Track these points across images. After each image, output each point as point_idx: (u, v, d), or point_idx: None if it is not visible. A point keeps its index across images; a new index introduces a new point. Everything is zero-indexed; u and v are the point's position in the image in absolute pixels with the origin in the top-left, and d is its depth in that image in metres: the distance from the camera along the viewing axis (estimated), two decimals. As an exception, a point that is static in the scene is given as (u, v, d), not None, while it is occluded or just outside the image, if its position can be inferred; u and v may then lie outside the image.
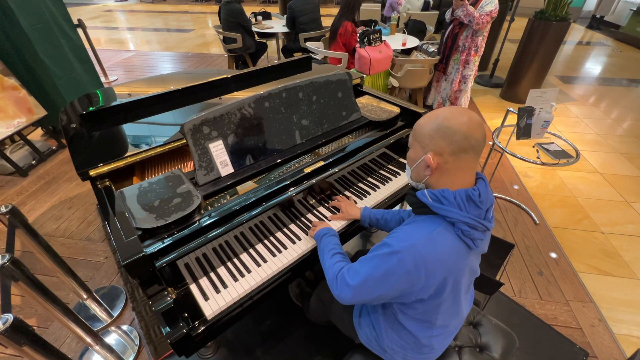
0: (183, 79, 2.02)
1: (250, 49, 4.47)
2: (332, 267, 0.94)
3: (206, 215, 1.04)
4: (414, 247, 0.75)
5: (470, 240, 0.76)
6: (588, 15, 8.56)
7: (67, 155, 3.15)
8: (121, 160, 1.19)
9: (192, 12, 10.27)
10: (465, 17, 2.88)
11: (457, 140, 0.74)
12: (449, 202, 0.75)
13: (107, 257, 2.11)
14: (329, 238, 1.07)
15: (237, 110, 1.19)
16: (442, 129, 0.76)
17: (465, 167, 0.78)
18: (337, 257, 0.98)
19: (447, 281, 0.78)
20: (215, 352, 1.56)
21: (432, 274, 0.76)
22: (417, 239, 0.76)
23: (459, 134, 0.74)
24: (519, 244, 2.19)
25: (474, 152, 0.76)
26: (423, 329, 0.90)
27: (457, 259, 0.78)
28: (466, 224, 0.75)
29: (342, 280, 0.86)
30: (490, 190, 0.82)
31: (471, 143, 0.74)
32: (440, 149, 0.76)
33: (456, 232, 0.76)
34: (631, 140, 3.41)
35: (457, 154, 0.75)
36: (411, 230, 0.80)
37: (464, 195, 0.75)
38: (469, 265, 0.83)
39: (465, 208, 0.75)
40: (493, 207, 0.82)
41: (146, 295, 0.95)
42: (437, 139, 0.76)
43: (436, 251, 0.75)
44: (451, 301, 0.85)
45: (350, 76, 1.51)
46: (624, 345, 1.64)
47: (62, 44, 3.04)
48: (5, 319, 0.87)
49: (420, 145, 0.81)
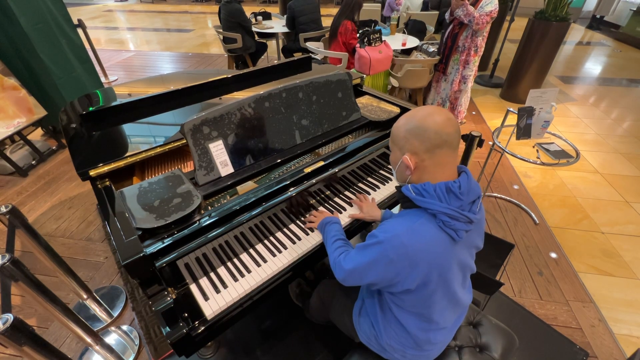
0: (183, 79, 2.02)
1: (250, 49, 4.47)
2: (333, 253, 1.01)
3: (206, 215, 1.04)
4: (396, 238, 0.79)
5: (453, 231, 0.78)
6: (588, 15, 8.56)
7: (67, 155, 3.15)
8: (121, 160, 1.19)
9: (192, 12, 10.27)
10: (465, 17, 2.88)
11: (430, 137, 0.77)
12: (430, 194, 0.78)
13: (107, 257, 2.11)
14: (331, 226, 1.13)
15: (237, 110, 1.19)
16: (414, 129, 0.80)
17: (442, 162, 0.80)
18: (337, 242, 1.05)
19: (432, 272, 0.80)
20: (215, 352, 1.56)
21: (415, 264, 0.78)
22: (400, 230, 0.79)
23: (430, 131, 0.77)
24: (519, 244, 2.19)
25: (448, 146, 0.78)
26: (419, 323, 0.91)
27: (441, 250, 0.79)
28: (446, 215, 0.77)
29: (339, 265, 0.94)
30: (476, 183, 0.83)
31: (444, 138, 0.77)
32: (415, 149, 0.80)
33: (438, 224, 0.78)
34: (631, 140, 3.41)
35: (432, 150, 0.78)
36: (396, 223, 0.83)
37: (444, 187, 0.78)
38: (456, 258, 0.83)
39: (445, 199, 0.77)
40: (480, 200, 0.83)
41: (146, 295, 0.95)
42: (411, 139, 0.80)
43: (418, 242, 0.77)
44: (442, 294, 0.86)
45: (350, 76, 1.51)
46: (624, 345, 1.64)
47: (62, 44, 3.04)
48: (5, 319, 0.87)
49: (398, 147, 0.85)
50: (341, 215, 1.33)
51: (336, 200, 1.40)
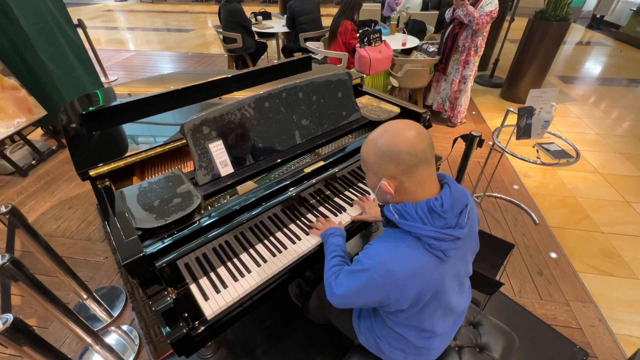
0: (183, 79, 2.02)
1: (250, 49, 4.47)
2: (328, 271, 0.97)
3: (206, 215, 1.04)
4: (381, 265, 0.76)
5: (440, 252, 0.74)
6: (588, 15, 8.56)
7: (67, 155, 3.15)
8: (121, 160, 1.19)
9: (192, 12, 10.27)
10: (465, 17, 2.88)
11: (404, 159, 0.73)
12: (412, 217, 0.74)
13: (107, 257, 2.11)
14: (333, 238, 1.10)
15: (237, 110, 1.19)
16: (386, 154, 0.75)
17: (422, 180, 0.76)
18: (335, 260, 1.00)
19: (423, 293, 0.78)
20: (215, 352, 1.56)
21: (405, 288, 0.76)
22: (384, 255, 0.76)
23: (403, 153, 0.73)
24: (519, 244, 2.19)
25: (424, 163, 0.75)
26: (414, 333, 0.91)
27: (429, 273, 0.76)
28: (432, 238, 0.73)
29: (330, 289, 0.90)
30: (462, 191, 0.80)
31: (418, 157, 0.73)
32: (392, 173, 0.76)
33: (424, 246, 0.75)
34: (631, 140, 3.41)
35: (409, 171, 0.75)
36: (380, 247, 0.79)
37: (425, 207, 0.74)
38: (448, 273, 0.81)
39: (429, 221, 0.74)
40: (468, 209, 0.79)
41: (146, 295, 0.95)
42: (385, 164, 0.76)
43: (404, 267, 0.74)
44: (436, 306, 0.84)
45: (350, 76, 1.51)
46: (624, 345, 1.64)
47: (62, 44, 3.04)
48: (5, 319, 0.87)
49: (373, 172, 0.81)
50: (341, 215, 1.33)
51: (336, 200, 1.40)
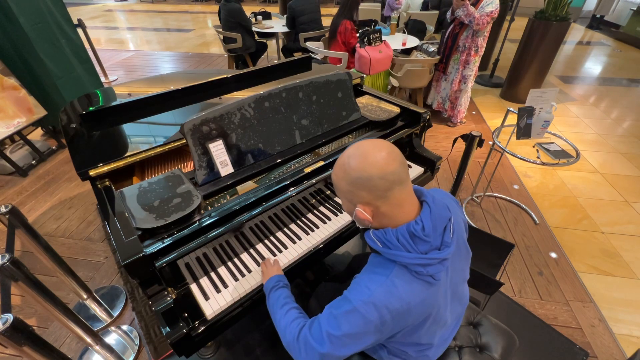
0: (183, 79, 2.02)
1: (250, 49, 4.47)
2: (289, 326, 0.83)
3: (206, 215, 1.04)
4: (373, 298, 0.70)
5: (429, 277, 0.72)
6: (588, 15, 8.55)
7: (67, 155, 3.15)
8: (121, 160, 1.19)
9: (192, 12, 10.27)
10: (466, 17, 2.88)
11: (376, 185, 0.70)
12: (394, 245, 0.71)
13: (107, 257, 2.11)
14: (279, 291, 0.96)
15: (237, 110, 1.19)
16: (357, 180, 0.72)
17: (399, 202, 0.73)
18: (292, 313, 0.87)
19: (417, 318, 0.75)
20: (215, 352, 1.56)
21: (400, 318, 0.73)
22: (375, 288, 0.71)
23: (374, 178, 0.70)
24: (519, 244, 2.19)
25: (398, 185, 0.71)
26: (412, 347, 0.88)
27: (422, 300, 0.73)
28: (418, 265, 0.70)
29: (308, 346, 0.76)
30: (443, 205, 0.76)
31: (390, 179, 0.70)
32: (366, 200, 0.73)
33: (411, 274, 0.72)
34: (631, 140, 3.41)
35: (384, 196, 0.71)
36: (368, 280, 0.74)
37: (407, 233, 0.71)
38: (441, 292, 0.78)
39: (412, 247, 0.71)
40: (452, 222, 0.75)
41: (146, 295, 0.95)
42: (357, 192, 0.73)
43: (397, 297, 0.71)
44: (430, 324, 0.81)
45: (350, 76, 1.51)
46: (624, 345, 1.64)
47: (62, 44, 3.04)
48: (5, 319, 0.87)
49: (347, 200, 0.78)
50: (341, 215, 1.32)
51: (336, 200, 1.40)
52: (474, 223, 2.35)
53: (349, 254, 2.03)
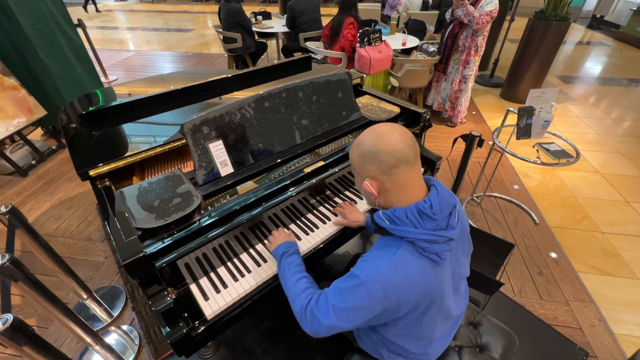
0: (183, 79, 2.02)
1: (250, 49, 4.47)
2: (299, 296, 0.86)
3: (206, 215, 1.04)
4: (380, 274, 0.73)
5: (435, 255, 0.74)
6: (588, 15, 8.55)
7: (67, 155, 3.14)
8: (121, 160, 1.19)
9: (192, 12, 10.27)
10: (465, 17, 2.88)
11: (383, 159, 0.75)
12: (403, 221, 0.74)
13: (107, 257, 2.11)
14: (290, 257, 0.99)
15: (237, 110, 1.19)
16: (366, 154, 0.78)
17: (404, 181, 0.77)
18: (302, 283, 0.90)
19: (421, 299, 0.77)
20: (215, 352, 1.56)
21: (404, 296, 0.75)
22: (382, 264, 0.74)
23: (381, 153, 0.75)
24: (519, 244, 2.19)
25: (404, 164, 0.75)
26: (412, 342, 0.90)
27: (427, 276, 0.76)
28: (424, 241, 0.73)
29: (314, 317, 0.80)
30: (449, 193, 0.80)
31: (397, 157, 0.74)
32: (373, 173, 0.78)
33: (418, 251, 0.74)
34: (631, 140, 3.41)
35: (389, 172, 0.76)
36: (375, 257, 0.78)
37: (415, 210, 0.74)
38: (444, 276, 0.80)
39: (420, 224, 0.73)
40: (457, 209, 0.79)
41: (146, 295, 0.95)
42: (365, 164, 0.78)
43: (403, 273, 0.73)
44: (434, 313, 0.83)
45: (350, 76, 1.51)
46: (624, 345, 1.64)
47: (62, 44, 3.04)
48: (5, 319, 0.87)
49: (357, 174, 0.84)
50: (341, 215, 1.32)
51: (336, 200, 1.40)
52: (474, 223, 2.35)
53: (349, 254, 2.03)
